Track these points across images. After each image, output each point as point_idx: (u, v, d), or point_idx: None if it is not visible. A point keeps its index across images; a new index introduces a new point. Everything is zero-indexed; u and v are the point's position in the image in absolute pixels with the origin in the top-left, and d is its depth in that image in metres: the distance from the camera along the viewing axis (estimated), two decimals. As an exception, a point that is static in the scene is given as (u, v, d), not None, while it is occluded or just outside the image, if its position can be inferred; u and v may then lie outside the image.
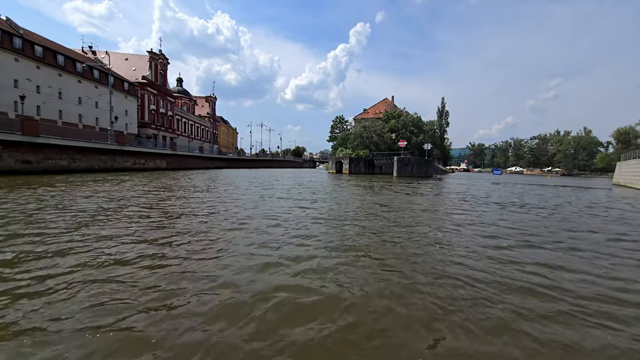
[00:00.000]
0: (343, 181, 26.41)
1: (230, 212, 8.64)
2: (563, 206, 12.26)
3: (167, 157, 38.18)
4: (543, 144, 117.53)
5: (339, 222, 7.53)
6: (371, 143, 49.46)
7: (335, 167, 46.02)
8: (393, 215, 8.72)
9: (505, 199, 14.70)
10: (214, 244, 5.28)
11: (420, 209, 10.21)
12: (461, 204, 11.93)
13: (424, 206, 11.06)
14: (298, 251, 4.97)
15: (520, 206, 11.82)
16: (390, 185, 21.89)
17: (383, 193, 15.89)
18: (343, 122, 70.72)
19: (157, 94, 54.22)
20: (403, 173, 35.76)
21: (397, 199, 13.21)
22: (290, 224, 7.07)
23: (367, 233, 6.46)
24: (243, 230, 6.44)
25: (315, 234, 6.17)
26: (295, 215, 8.39)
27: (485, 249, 5.38)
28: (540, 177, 67.31)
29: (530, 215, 9.58)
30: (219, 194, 13.05)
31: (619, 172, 30.92)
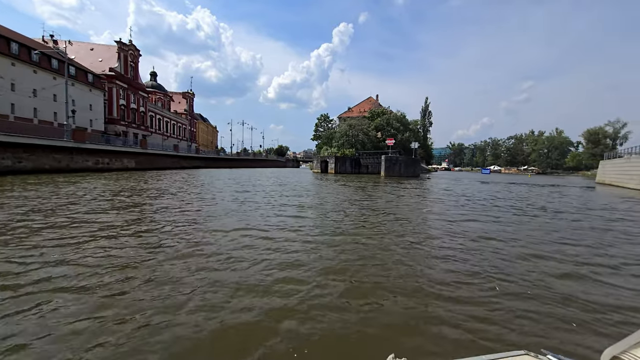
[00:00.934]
0: (330, 182, 24.63)
1: (189, 226, 6.54)
2: (591, 211, 11.08)
3: (136, 156, 34.80)
4: (519, 143, 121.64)
5: (340, 250, 5.16)
6: (357, 142, 48.08)
7: (320, 167, 44.20)
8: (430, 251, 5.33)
9: (521, 203, 13.43)
10: (127, 294, 3.26)
11: (468, 233, 6.66)
12: (498, 218, 8.72)
13: (473, 230, 7.03)
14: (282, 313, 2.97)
15: (552, 212, 10.48)
16: (384, 187, 20.34)
17: (382, 197, 14.22)
18: (327, 121, 69.10)
19: (128, 88, 50.05)
20: (391, 173, 34.51)
21: (412, 212, 9.63)
22: (268, 249, 5.02)
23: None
24: (193, 261, 4.40)
25: (309, 276, 3.91)
26: (277, 232, 6.38)
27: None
28: (521, 175, 68.85)
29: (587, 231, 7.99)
30: (187, 199, 10.83)
31: (603, 171, 31.17)
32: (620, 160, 26.76)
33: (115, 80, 46.77)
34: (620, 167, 25.87)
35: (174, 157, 45.09)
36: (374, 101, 73.26)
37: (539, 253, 5.12)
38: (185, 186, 16.43)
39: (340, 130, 49.48)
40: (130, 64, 51.45)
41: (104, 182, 17.14)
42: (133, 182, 17.96)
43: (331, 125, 67.81)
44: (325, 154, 47.95)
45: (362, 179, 29.81)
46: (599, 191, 21.41)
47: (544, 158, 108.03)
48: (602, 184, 29.69)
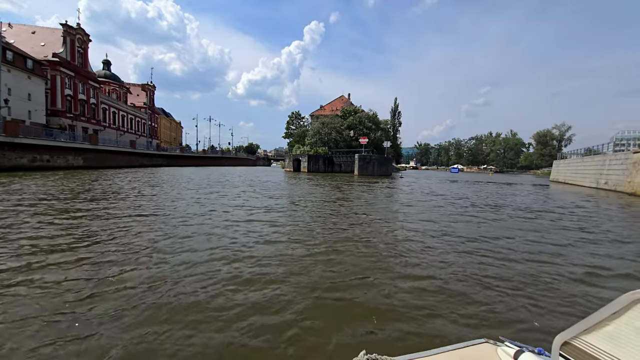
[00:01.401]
0: (303, 181, 23.58)
1: (119, 251, 5.12)
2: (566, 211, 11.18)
3: (84, 153, 30.94)
4: (479, 144, 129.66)
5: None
6: (330, 140, 47.47)
7: (293, 165, 42.94)
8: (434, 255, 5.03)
9: (502, 203, 13.39)
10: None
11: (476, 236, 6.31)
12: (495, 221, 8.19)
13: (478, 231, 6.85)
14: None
15: (534, 213, 10.34)
16: (359, 186, 19.72)
17: (361, 197, 13.46)
18: (299, 119, 67.85)
19: (75, 76, 44.69)
20: (364, 172, 34.29)
21: (397, 211, 9.36)
22: (231, 288, 3.62)
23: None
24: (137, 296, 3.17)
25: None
26: (244, 253, 4.80)
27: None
28: (482, 174, 73.06)
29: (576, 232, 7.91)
30: (135, 204, 9.16)
31: (557, 170, 33.56)
32: (573, 160, 28.89)
33: (60, 67, 41.45)
34: (574, 166, 27.89)
35: (130, 154, 41.08)
36: (345, 100, 73.31)
37: (537, 257, 5.01)
38: (142, 187, 14.43)
39: (313, 128, 48.53)
40: (79, 50, 46.05)
41: (41, 182, 14.52)
42: (75, 182, 15.47)
43: (303, 123, 66.67)
44: (298, 152, 46.75)
45: (336, 178, 29.15)
46: (560, 189, 22.71)
47: (501, 158, 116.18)
48: (556, 182, 32.00)
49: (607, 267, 4.53)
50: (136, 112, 63.82)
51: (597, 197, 15.90)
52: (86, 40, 47.69)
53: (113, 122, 54.94)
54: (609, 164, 19.68)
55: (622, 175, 17.67)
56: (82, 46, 46.78)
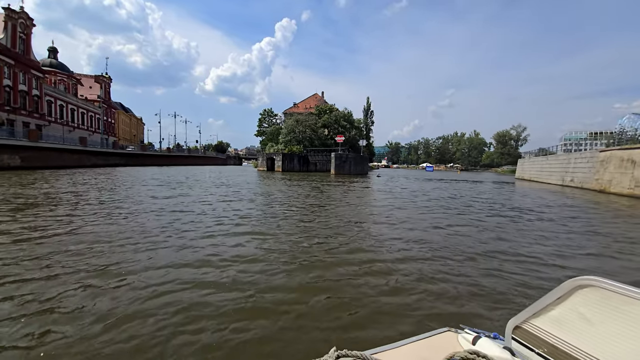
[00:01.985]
0: (279, 181, 22.15)
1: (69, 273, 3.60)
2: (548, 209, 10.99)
3: (23, 151, 26.75)
4: (446, 143, 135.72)
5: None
6: (304, 138, 46.17)
7: (266, 164, 41.10)
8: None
9: (494, 204, 13.04)
10: None
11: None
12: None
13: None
14: None
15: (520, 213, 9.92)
16: (340, 186, 18.75)
17: (345, 200, 12.42)
18: (272, 116, 65.77)
19: (15, 64, 38.98)
20: (341, 170, 33.54)
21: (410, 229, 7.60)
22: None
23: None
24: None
25: None
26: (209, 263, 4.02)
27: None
28: (451, 172, 76.07)
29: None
30: (67, 218, 7.31)
31: (522, 168, 35.27)
32: (539, 158, 30.40)
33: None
34: (539, 165, 29.32)
35: (80, 152, 36.62)
36: (319, 98, 72.35)
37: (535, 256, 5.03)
38: (91, 191, 12.19)
39: (287, 126, 46.88)
40: (21, 36, 40.19)
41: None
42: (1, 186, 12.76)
43: (276, 120, 64.67)
44: (271, 150, 44.88)
45: (312, 177, 28.04)
46: (532, 187, 23.55)
47: (465, 157, 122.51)
48: (521, 179, 33.64)
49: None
50: (89, 106, 57.60)
51: (578, 196, 16.42)
52: (30, 25, 41.80)
53: (60, 116, 48.97)
54: (575, 162, 20.71)
55: (588, 173, 18.56)
56: (24, 32, 40.89)
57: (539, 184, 26.60)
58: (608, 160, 16.17)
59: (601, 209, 11.39)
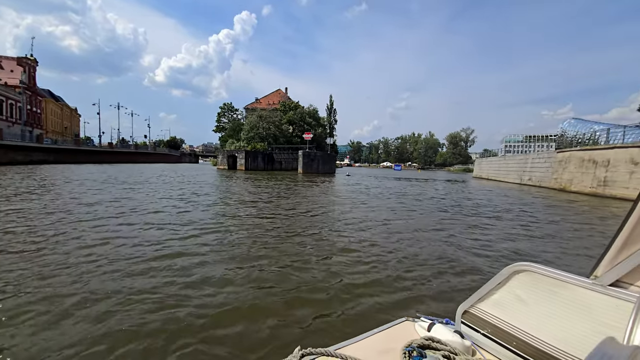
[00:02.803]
0: (244, 181, 19.94)
1: None
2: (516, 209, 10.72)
3: None
4: (404, 143, 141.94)
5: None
6: (269, 135, 43.73)
7: (227, 162, 37.94)
8: None
9: (467, 202, 12.51)
10: None
11: None
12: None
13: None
14: None
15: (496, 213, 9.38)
16: (312, 187, 17.24)
17: (327, 203, 10.95)
18: (232, 111, 61.67)
19: None
20: (309, 169, 32.07)
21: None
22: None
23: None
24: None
25: None
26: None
27: None
28: (411, 170, 79.27)
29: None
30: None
31: (479, 167, 37.25)
32: (496, 158, 32.22)
33: None
34: (497, 164, 31.01)
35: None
36: (283, 94, 69.97)
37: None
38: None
39: (250, 122, 43.97)
40: None
41: None
42: None
43: (237, 116, 60.80)
44: (232, 147, 41.64)
45: (279, 176, 26.17)
46: (499, 185, 24.51)
47: (422, 156, 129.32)
48: (479, 178, 35.56)
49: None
50: (7, 92, 48.16)
51: (547, 195, 17.03)
52: None
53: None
54: (532, 162, 21.95)
55: (546, 172, 19.65)
56: None
57: (497, 182, 28.07)
58: (567, 161, 17.14)
59: (581, 210, 11.55)
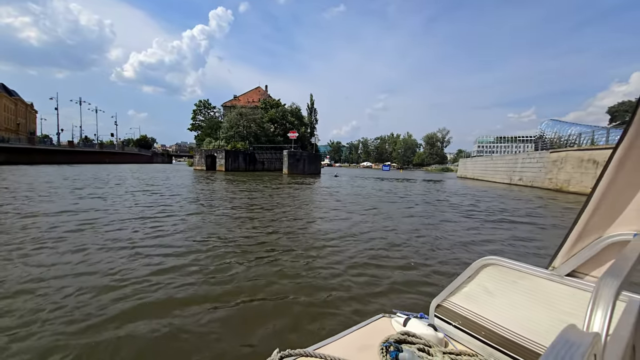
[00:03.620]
0: (226, 184, 18.03)
1: None
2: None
3: None
4: (383, 143, 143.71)
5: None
6: (250, 134, 41.52)
7: (206, 163, 35.34)
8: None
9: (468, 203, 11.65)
10: None
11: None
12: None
13: None
14: None
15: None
16: (308, 189, 15.78)
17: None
18: (209, 108, 58.39)
19: None
20: (295, 170, 30.46)
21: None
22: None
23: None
24: None
25: None
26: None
27: None
28: (393, 171, 79.82)
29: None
30: None
31: (464, 167, 37.46)
32: (482, 158, 32.42)
33: None
34: (483, 164, 31.14)
35: None
36: (262, 91, 67.49)
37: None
38: None
39: (230, 120, 41.47)
40: None
41: None
42: None
43: (214, 113, 57.66)
44: (210, 147, 38.97)
45: (264, 177, 24.40)
46: (488, 186, 24.32)
47: (401, 156, 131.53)
48: (464, 178, 35.74)
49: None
50: (-58, 81, 42.02)
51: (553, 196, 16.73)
52: None
53: None
54: (522, 162, 21.95)
55: (539, 173, 19.60)
56: None
57: (484, 182, 28.15)
58: (563, 161, 17.04)
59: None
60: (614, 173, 0.95)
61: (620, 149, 0.90)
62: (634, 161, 0.91)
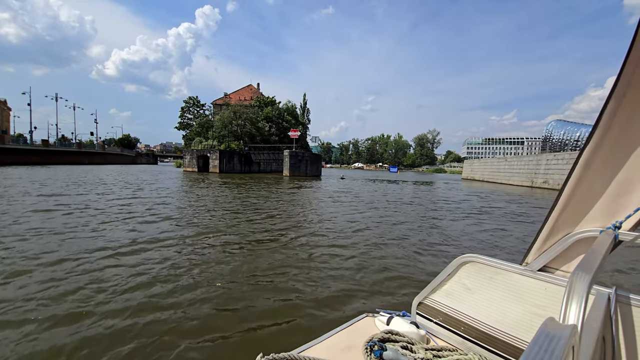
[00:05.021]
0: (225, 189, 15.70)
1: None
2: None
3: None
4: (374, 144, 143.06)
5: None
6: (244, 133, 38.91)
7: (197, 164, 32.57)
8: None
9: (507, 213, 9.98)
10: None
11: None
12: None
13: None
14: None
15: None
16: (333, 196, 13.70)
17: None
18: (198, 106, 55.18)
19: None
20: (296, 171, 28.25)
21: None
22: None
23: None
24: None
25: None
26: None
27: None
28: (383, 172, 78.56)
29: None
30: None
31: (471, 169, 36.17)
32: (494, 159, 31.19)
33: None
34: (495, 165, 29.84)
35: None
36: (254, 89, 64.79)
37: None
38: None
39: (223, 118, 38.70)
40: None
41: None
42: None
43: (204, 112, 54.52)
44: (200, 147, 36.12)
45: (265, 180, 22.14)
46: (505, 189, 22.95)
47: (392, 157, 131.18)
48: (471, 180, 34.56)
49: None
50: None
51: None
52: None
53: None
54: (547, 164, 20.65)
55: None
56: None
57: (497, 185, 26.91)
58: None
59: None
60: (581, 173, 0.97)
61: (587, 151, 0.93)
62: (600, 162, 0.94)
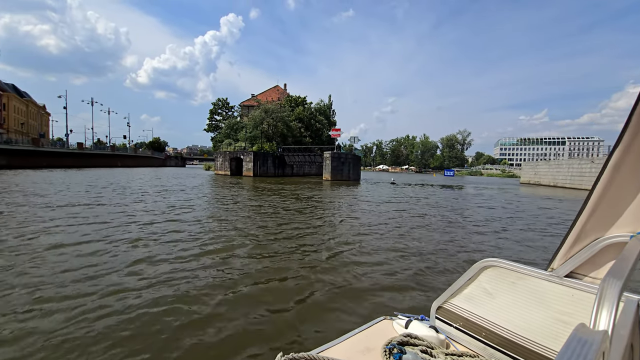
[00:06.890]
0: (276, 197, 13.48)
1: None
2: None
3: None
4: (399, 145, 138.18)
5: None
6: (276, 134, 37.08)
7: (230, 167, 30.98)
8: None
9: None
10: None
11: None
12: None
13: None
14: None
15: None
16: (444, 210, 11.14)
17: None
18: (228, 108, 54.34)
19: None
20: (338, 175, 25.79)
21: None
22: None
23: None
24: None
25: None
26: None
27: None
28: (412, 175, 74.40)
29: None
30: None
31: (534, 172, 31.97)
32: (572, 160, 26.84)
33: None
34: (576, 168, 25.33)
35: None
36: (282, 90, 63.27)
37: None
38: None
39: (254, 117, 37.01)
40: None
41: None
42: None
43: (233, 113, 53.58)
44: (230, 148, 34.65)
45: (306, 184, 19.88)
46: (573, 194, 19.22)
47: (419, 159, 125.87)
48: (534, 184, 30.47)
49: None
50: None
51: None
52: None
53: None
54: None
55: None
56: None
57: (574, 191, 23.03)
58: None
59: None
60: (610, 176, 0.95)
61: (617, 153, 0.90)
62: (630, 165, 0.91)
